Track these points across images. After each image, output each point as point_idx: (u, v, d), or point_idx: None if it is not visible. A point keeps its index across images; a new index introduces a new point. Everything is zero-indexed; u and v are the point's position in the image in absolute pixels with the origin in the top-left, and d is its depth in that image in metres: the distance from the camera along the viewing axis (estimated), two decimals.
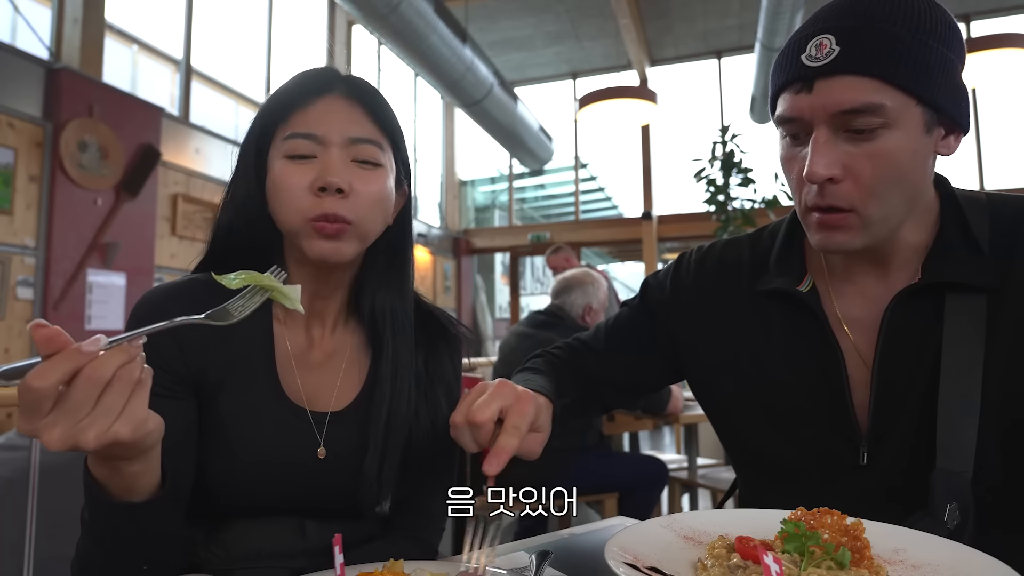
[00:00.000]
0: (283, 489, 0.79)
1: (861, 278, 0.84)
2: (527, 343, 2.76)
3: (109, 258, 4.76)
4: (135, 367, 0.52)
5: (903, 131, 0.72)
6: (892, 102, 0.71)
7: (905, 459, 0.77)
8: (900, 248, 0.81)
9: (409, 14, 5.90)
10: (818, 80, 0.73)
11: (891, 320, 0.79)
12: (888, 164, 0.72)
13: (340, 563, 0.56)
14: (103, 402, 0.50)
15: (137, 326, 0.75)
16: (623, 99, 5.43)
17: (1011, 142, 8.30)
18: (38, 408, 0.49)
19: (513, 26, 8.88)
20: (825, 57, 0.72)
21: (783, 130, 0.79)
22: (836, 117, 0.72)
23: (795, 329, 0.86)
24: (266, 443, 0.78)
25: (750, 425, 0.89)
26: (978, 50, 4.32)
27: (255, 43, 7.22)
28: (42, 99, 4.53)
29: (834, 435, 0.82)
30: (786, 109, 0.76)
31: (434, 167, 10.56)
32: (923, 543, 0.61)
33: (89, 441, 0.49)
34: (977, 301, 0.76)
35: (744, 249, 0.96)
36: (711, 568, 0.57)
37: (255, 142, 0.81)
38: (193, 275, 0.84)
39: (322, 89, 0.80)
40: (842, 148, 0.73)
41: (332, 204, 0.76)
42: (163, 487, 0.64)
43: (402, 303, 0.89)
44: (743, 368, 0.90)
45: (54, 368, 0.48)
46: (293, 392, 0.82)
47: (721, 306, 0.94)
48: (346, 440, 0.82)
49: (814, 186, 0.75)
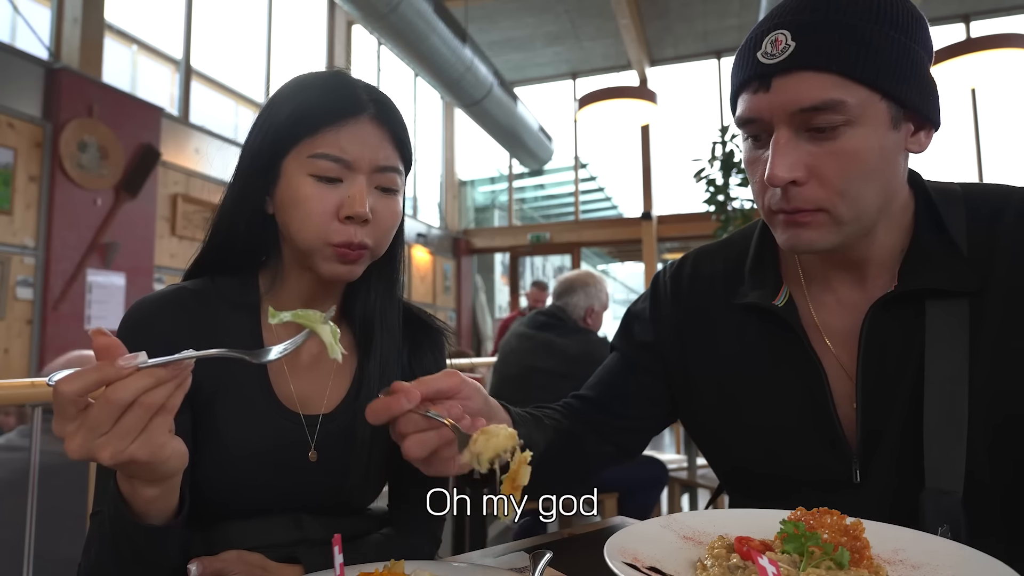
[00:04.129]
0: (278, 491, 0.80)
1: (838, 286, 0.81)
2: (527, 344, 2.76)
3: (109, 258, 4.76)
4: (160, 392, 0.52)
5: (868, 127, 0.69)
6: (853, 98, 0.68)
7: (897, 477, 0.74)
8: (875, 252, 0.77)
9: (409, 14, 5.90)
10: (775, 78, 0.70)
11: (870, 331, 0.76)
12: (854, 163, 0.69)
13: (340, 563, 0.56)
14: (121, 423, 0.51)
15: (129, 335, 0.76)
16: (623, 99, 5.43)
17: (1011, 142, 8.31)
18: (64, 412, 0.50)
19: (513, 26, 8.88)
20: (781, 53, 0.69)
21: (744, 132, 0.76)
22: (796, 116, 0.69)
23: (775, 344, 0.83)
24: (260, 448, 0.78)
25: (739, 443, 0.85)
26: (978, 50, 4.32)
27: (255, 43, 7.22)
28: (42, 99, 4.53)
29: (824, 452, 0.78)
30: (744, 110, 0.74)
31: (434, 167, 10.57)
32: (923, 543, 0.61)
33: (104, 458, 0.51)
34: (958, 306, 0.72)
35: (718, 259, 0.93)
36: (711, 568, 0.57)
37: (270, 146, 0.78)
38: (182, 284, 0.84)
39: (355, 110, 0.78)
40: (804, 148, 0.70)
41: (356, 232, 0.77)
42: (177, 516, 0.64)
43: (391, 304, 0.91)
44: (726, 384, 0.86)
45: (82, 377, 0.50)
46: (285, 396, 0.82)
47: (700, 321, 0.90)
48: (336, 441, 0.83)
49: (778, 191, 0.72)
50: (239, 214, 0.82)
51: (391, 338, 0.90)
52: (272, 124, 0.79)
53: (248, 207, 0.81)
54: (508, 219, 10.96)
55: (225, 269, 0.85)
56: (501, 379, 2.81)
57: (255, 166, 0.80)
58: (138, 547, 0.64)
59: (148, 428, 0.52)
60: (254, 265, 0.86)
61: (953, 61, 4.38)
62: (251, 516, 0.79)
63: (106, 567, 0.67)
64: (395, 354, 0.90)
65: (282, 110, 0.79)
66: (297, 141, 0.77)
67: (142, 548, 0.64)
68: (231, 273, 0.85)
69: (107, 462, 0.51)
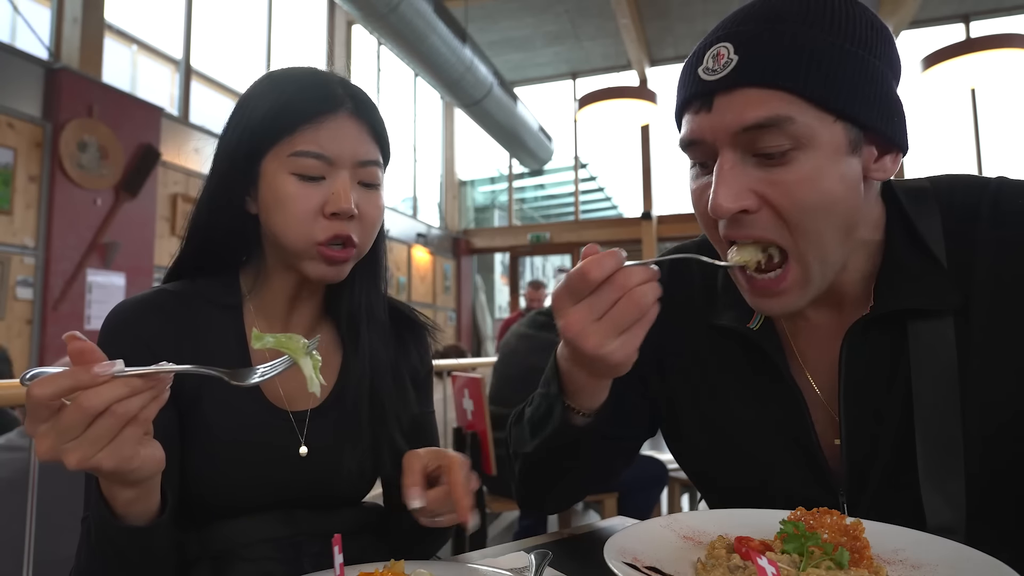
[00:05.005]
0: (270, 488, 0.80)
1: (812, 313, 0.75)
2: (527, 344, 2.76)
3: (109, 258, 4.76)
4: (134, 402, 0.51)
5: (820, 151, 0.62)
6: (803, 116, 0.61)
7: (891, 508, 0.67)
8: (847, 279, 0.71)
9: (409, 14, 5.90)
10: (717, 96, 0.63)
11: (849, 357, 0.70)
12: (808, 192, 0.62)
13: (340, 563, 0.56)
14: (91, 430, 0.50)
15: (110, 339, 0.76)
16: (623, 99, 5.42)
17: (1011, 142, 8.31)
18: (36, 414, 0.50)
19: (513, 26, 8.88)
20: (723, 69, 0.62)
21: (688, 156, 0.70)
22: (740, 137, 0.62)
23: (753, 369, 0.77)
24: (250, 446, 0.78)
25: (724, 474, 0.80)
26: (978, 50, 4.32)
27: (255, 43, 7.22)
28: (41, 99, 4.53)
29: (809, 484, 0.73)
30: (686, 132, 0.67)
31: (434, 167, 10.57)
32: (923, 543, 0.61)
33: (71, 462, 0.50)
34: (943, 325, 0.66)
35: (694, 271, 0.85)
36: (711, 568, 0.57)
37: (248, 146, 0.78)
38: (163, 286, 0.83)
39: (332, 106, 0.77)
40: (752, 174, 0.63)
41: (342, 227, 0.77)
42: (160, 515, 0.64)
43: (377, 298, 0.91)
44: (708, 413, 0.80)
45: (55, 382, 0.49)
46: (272, 394, 0.82)
47: (677, 346, 0.83)
48: (325, 436, 0.83)
49: (725, 222, 0.66)
50: (218, 215, 0.81)
51: (378, 332, 0.90)
52: (248, 124, 0.78)
53: (227, 207, 0.80)
54: (508, 219, 10.96)
55: (205, 270, 0.84)
56: (501, 379, 2.81)
57: (233, 166, 0.79)
58: (121, 549, 0.63)
59: (118, 438, 0.51)
60: (235, 265, 0.86)
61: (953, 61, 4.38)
62: (245, 513, 0.79)
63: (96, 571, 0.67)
64: (382, 348, 0.90)
65: (257, 109, 0.78)
66: (276, 140, 0.77)
67: (125, 550, 0.64)
68: (211, 274, 0.84)
69: (73, 466, 0.50)
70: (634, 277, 0.60)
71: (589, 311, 0.60)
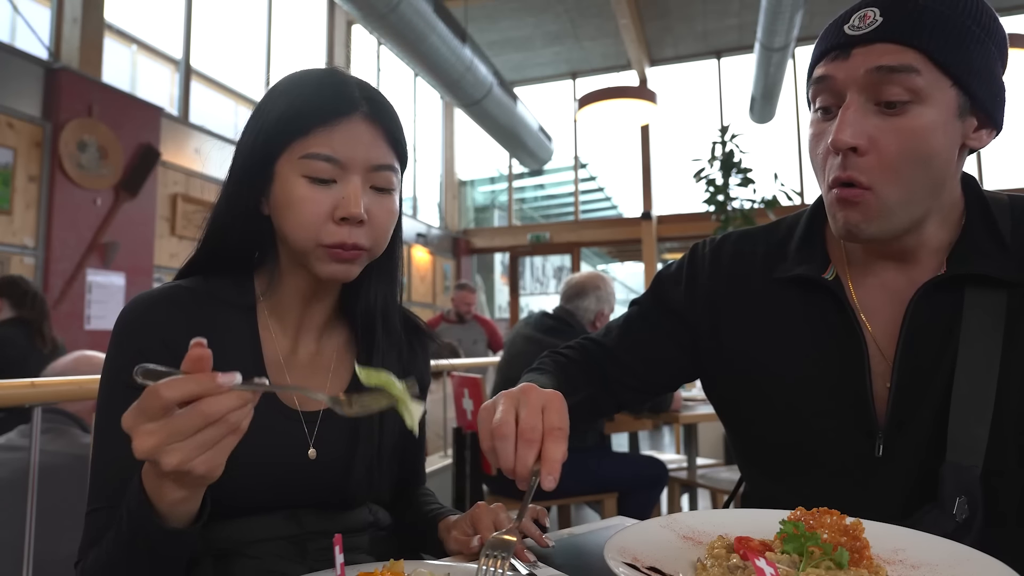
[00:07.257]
0: (277, 488, 0.79)
1: (882, 271, 0.83)
2: (533, 347, 2.72)
3: (108, 258, 4.76)
4: (241, 414, 0.55)
5: (935, 109, 0.71)
6: (927, 75, 0.70)
7: (919, 452, 0.76)
8: (925, 243, 0.80)
9: (409, 14, 5.89)
10: (856, 47, 0.73)
11: (915, 313, 0.78)
12: (915, 141, 0.71)
13: (340, 563, 0.56)
14: (200, 435, 0.53)
15: (125, 333, 0.77)
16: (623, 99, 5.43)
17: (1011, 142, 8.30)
18: (151, 413, 0.52)
19: (513, 26, 8.88)
20: (867, 27, 0.73)
21: (814, 95, 0.78)
22: (870, 78, 0.72)
23: (816, 318, 0.85)
24: (259, 446, 0.78)
25: (764, 417, 0.87)
26: None
27: (255, 43, 7.22)
28: (41, 99, 4.53)
29: (851, 427, 0.80)
30: (819, 72, 0.76)
31: (434, 167, 10.57)
32: (922, 543, 0.61)
33: (169, 463, 0.53)
34: (997, 295, 0.75)
35: (759, 241, 0.95)
36: (710, 568, 0.57)
37: (262, 147, 0.78)
38: (178, 282, 0.83)
39: (347, 109, 0.76)
40: (871, 120, 0.72)
41: (350, 233, 0.76)
42: (197, 521, 0.64)
43: (392, 300, 0.91)
44: (759, 356, 0.88)
45: (183, 386, 0.52)
46: (284, 394, 0.82)
47: (737, 296, 0.92)
48: (336, 438, 0.83)
49: (837, 159, 0.74)
50: (233, 215, 0.81)
51: (392, 337, 0.90)
52: (264, 125, 0.78)
53: (242, 208, 0.80)
54: (508, 219, 10.96)
55: (219, 269, 0.84)
56: (505, 381, 2.80)
57: (248, 167, 0.79)
58: (155, 547, 0.63)
59: (219, 445, 0.55)
60: (249, 265, 0.86)
61: None
62: (251, 513, 0.79)
63: (118, 567, 0.67)
64: (395, 353, 0.90)
65: (273, 110, 0.78)
66: (289, 142, 0.76)
67: (159, 549, 0.63)
68: (225, 273, 0.84)
69: (170, 467, 0.53)
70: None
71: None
